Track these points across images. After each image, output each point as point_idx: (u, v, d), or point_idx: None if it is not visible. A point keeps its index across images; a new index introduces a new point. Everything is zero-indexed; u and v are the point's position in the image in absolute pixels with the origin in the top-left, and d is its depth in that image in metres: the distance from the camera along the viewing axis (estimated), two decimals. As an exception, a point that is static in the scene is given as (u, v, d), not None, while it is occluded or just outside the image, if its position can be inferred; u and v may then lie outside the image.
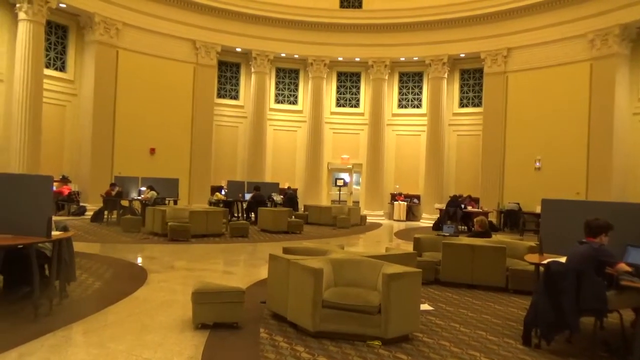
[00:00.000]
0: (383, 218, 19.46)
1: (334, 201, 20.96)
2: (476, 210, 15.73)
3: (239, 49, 19.35)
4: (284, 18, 19.13)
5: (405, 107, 20.57)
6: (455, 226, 10.38)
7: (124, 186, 14.09)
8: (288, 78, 20.94)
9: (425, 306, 5.75)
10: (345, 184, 20.72)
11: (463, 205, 15.72)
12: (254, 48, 19.21)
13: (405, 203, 19.55)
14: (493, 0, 17.31)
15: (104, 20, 15.80)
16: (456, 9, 18.12)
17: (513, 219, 16.14)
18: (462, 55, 18.79)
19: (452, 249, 7.24)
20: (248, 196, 15.73)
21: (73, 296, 5.59)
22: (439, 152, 18.91)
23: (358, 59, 20.00)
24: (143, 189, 14.34)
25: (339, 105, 21.02)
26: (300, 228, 13.44)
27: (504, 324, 5.26)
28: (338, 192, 20.81)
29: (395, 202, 19.65)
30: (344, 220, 15.46)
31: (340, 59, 20.06)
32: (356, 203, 20.32)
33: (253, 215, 15.15)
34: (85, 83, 16.10)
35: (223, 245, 10.66)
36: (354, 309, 4.42)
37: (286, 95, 20.93)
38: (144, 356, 3.93)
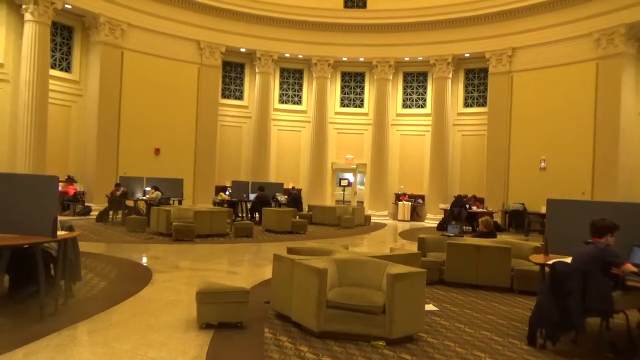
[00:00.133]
0: (387, 218, 19.43)
1: (338, 201, 20.93)
2: (481, 210, 15.70)
3: (243, 50, 19.39)
4: (288, 18, 19.14)
5: (410, 107, 20.53)
6: (460, 226, 10.33)
7: (129, 186, 14.15)
8: (292, 78, 20.95)
9: (429, 306, 5.74)
10: (349, 184, 20.69)
11: (468, 206, 15.68)
12: (258, 48, 19.24)
13: (409, 203, 19.50)
14: (498, 0, 17.26)
15: (109, 21, 15.87)
16: (461, 9, 18.06)
17: (518, 219, 16.04)
18: (467, 55, 18.74)
19: (457, 249, 7.22)
20: (252, 196, 15.76)
21: (78, 296, 5.61)
22: (443, 152, 18.86)
23: (362, 59, 19.98)
24: (148, 189, 14.40)
25: (343, 105, 21.01)
26: (305, 228, 13.44)
27: (509, 324, 5.24)
28: (342, 192, 20.77)
29: (399, 202, 19.62)
30: (348, 220, 15.44)
31: (345, 59, 20.05)
32: (360, 203, 20.27)
33: (257, 215, 15.16)
34: (91, 84, 16.18)
35: (227, 246, 10.68)
36: (359, 309, 4.42)
37: (290, 96, 20.93)
38: (148, 356, 3.95)
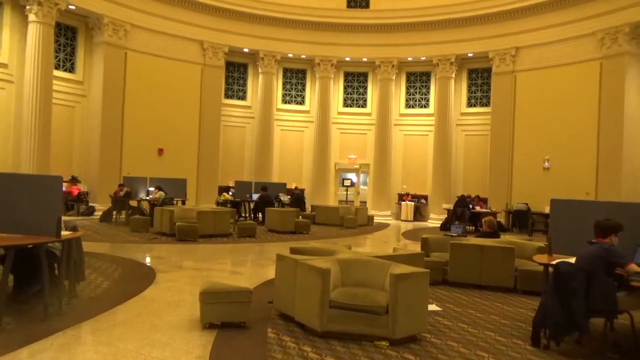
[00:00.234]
0: (390, 218, 19.41)
1: (341, 201, 20.92)
2: (484, 210, 15.65)
3: (246, 50, 19.40)
4: (291, 18, 19.15)
5: (413, 107, 20.51)
6: (463, 226, 10.30)
7: (133, 186, 14.17)
8: (295, 78, 20.95)
9: (433, 307, 5.73)
10: (352, 184, 20.69)
11: (471, 206, 15.65)
12: (261, 48, 19.25)
13: (412, 203, 19.47)
14: (501, 0, 17.23)
15: (113, 22, 15.92)
16: (464, 9, 18.03)
17: (522, 219, 16.00)
18: (470, 54, 18.70)
19: (460, 250, 7.20)
20: (255, 196, 15.76)
21: (82, 296, 5.63)
22: (446, 152, 18.83)
23: (365, 59, 19.97)
24: (151, 189, 14.42)
25: (346, 105, 21.00)
26: (308, 228, 13.44)
27: (513, 324, 5.22)
28: (345, 193, 20.76)
29: (402, 203, 19.59)
30: (351, 220, 15.43)
31: (348, 59, 20.04)
32: (363, 203, 20.26)
33: (260, 215, 15.17)
34: (94, 84, 16.23)
35: (230, 246, 10.70)
36: (362, 309, 4.41)
37: (293, 96, 20.94)
38: (152, 355, 3.95)
